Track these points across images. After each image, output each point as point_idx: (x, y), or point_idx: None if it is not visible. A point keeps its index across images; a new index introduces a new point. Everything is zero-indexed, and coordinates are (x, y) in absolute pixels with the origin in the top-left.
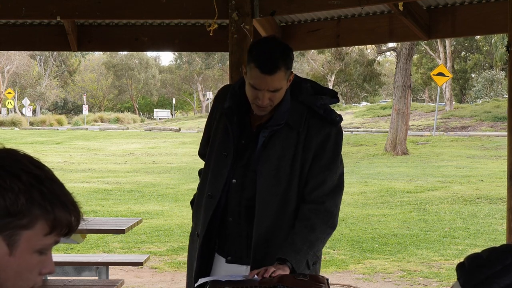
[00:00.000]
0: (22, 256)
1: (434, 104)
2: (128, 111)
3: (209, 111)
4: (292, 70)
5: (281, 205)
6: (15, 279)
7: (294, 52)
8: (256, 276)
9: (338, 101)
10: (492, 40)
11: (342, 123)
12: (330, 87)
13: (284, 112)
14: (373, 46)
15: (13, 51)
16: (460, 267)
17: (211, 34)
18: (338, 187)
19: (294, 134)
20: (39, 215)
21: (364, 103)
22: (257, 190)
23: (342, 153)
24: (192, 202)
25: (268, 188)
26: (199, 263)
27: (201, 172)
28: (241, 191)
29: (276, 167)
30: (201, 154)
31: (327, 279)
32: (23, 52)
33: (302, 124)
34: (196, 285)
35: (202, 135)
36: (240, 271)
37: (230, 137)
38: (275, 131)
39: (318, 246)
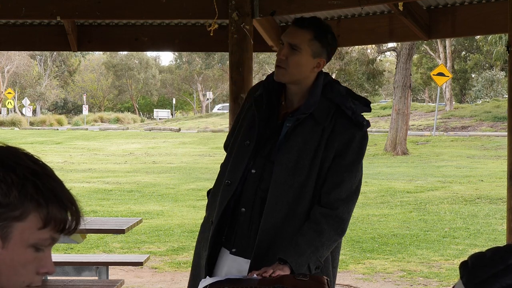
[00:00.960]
0: (15, 249)
1: (434, 104)
2: (128, 111)
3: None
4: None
5: (294, 199)
6: (8, 274)
7: None
8: (255, 275)
9: (369, 110)
10: (488, 38)
11: None
12: None
13: (311, 103)
14: (373, 46)
15: (13, 51)
16: (463, 266)
17: (211, 34)
18: (354, 194)
19: (319, 129)
20: (31, 208)
21: None
22: (272, 178)
23: None
24: (208, 193)
25: (283, 179)
26: (209, 254)
27: (209, 193)
28: (259, 181)
29: (296, 160)
30: (226, 146)
31: (327, 279)
32: (23, 52)
33: (328, 121)
34: None
35: (204, 134)
36: (242, 265)
37: (255, 125)
38: (300, 120)
39: (323, 251)
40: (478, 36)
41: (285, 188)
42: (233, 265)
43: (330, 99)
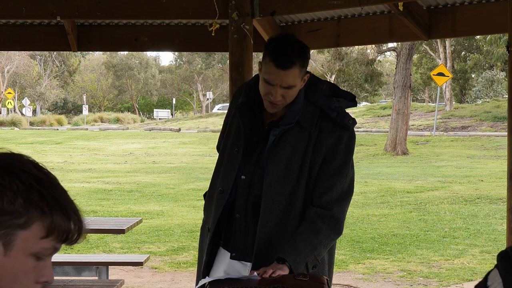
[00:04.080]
0: (17, 257)
1: (434, 104)
2: (128, 111)
3: (228, 108)
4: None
5: (286, 205)
6: (9, 281)
7: None
8: (255, 273)
9: (355, 105)
10: (487, 39)
11: None
12: None
13: (296, 111)
14: (373, 46)
15: (13, 51)
16: (503, 258)
17: (213, 34)
18: (347, 193)
19: (305, 135)
20: (36, 216)
21: (364, 103)
22: (263, 189)
23: None
24: (205, 195)
25: (275, 187)
26: (208, 259)
27: (205, 195)
28: (249, 187)
29: (285, 167)
30: (218, 147)
31: (327, 279)
32: (23, 52)
33: (314, 125)
34: (196, 287)
35: (204, 134)
36: (243, 268)
37: (241, 133)
38: (285, 130)
39: (320, 250)
40: (478, 36)
41: (277, 197)
42: (233, 268)
43: (313, 102)
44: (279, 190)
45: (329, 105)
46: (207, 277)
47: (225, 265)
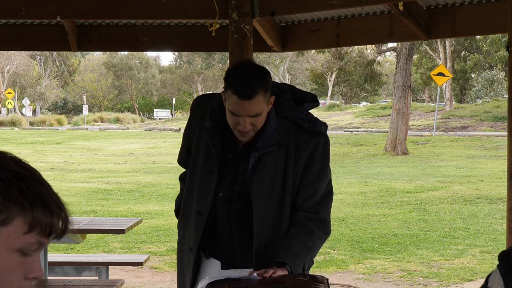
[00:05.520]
0: (1, 254)
1: (434, 104)
2: (128, 111)
3: (188, 120)
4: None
5: (277, 218)
6: None
7: (294, 52)
8: (255, 273)
9: (318, 104)
10: (488, 40)
11: (342, 123)
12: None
13: (272, 131)
14: (373, 46)
15: (13, 51)
16: (503, 257)
17: (213, 34)
18: (328, 195)
19: (283, 150)
20: (16, 212)
21: (364, 103)
22: (253, 211)
23: (341, 153)
24: (176, 211)
25: (264, 210)
26: (193, 276)
27: (182, 178)
28: (229, 203)
29: (270, 186)
30: (181, 162)
31: (327, 279)
32: (23, 52)
33: (290, 141)
34: None
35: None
36: (235, 274)
37: (213, 156)
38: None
39: (315, 251)
40: (478, 36)
41: (267, 216)
42: (223, 274)
43: (285, 117)
44: (268, 209)
45: (299, 116)
46: (207, 277)
47: (215, 273)
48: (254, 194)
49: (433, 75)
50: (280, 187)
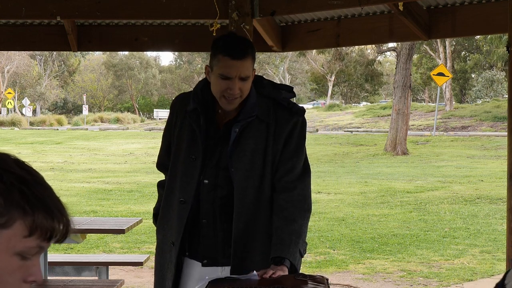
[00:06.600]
0: (1, 257)
1: (434, 104)
2: (128, 111)
3: (167, 119)
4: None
5: (256, 196)
6: None
7: (293, 52)
8: (255, 273)
9: (294, 95)
10: (487, 38)
11: (342, 123)
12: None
13: (252, 105)
14: (373, 46)
15: (13, 51)
16: None
17: (214, 34)
18: (306, 170)
19: (263, 126)
20: (17, 215)
21: (364, 103)
22: (234, 187)
23: (341, 153)
24: (155, 217)
25: (245, 184)
26: (175, 274)
27: (160, 184)
28: (214, 190)
29: (250, 161)
30: (161, 164)
31: (327, 279)
32: (23, 52)
33: (270, 117)
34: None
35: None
36: (216, 273)
37: (197, 140)
38: (247, 123)
39: (304, 232)
40: (478, 36)
41: (248, 191)
42: (205, 275)
43: (264, 95)
44: (249, 184)
45: (279, 96)
46: (207, 277)
47: (197, 275)
48: (234, 169)
49: (433, 75)
50: (261, 162)
